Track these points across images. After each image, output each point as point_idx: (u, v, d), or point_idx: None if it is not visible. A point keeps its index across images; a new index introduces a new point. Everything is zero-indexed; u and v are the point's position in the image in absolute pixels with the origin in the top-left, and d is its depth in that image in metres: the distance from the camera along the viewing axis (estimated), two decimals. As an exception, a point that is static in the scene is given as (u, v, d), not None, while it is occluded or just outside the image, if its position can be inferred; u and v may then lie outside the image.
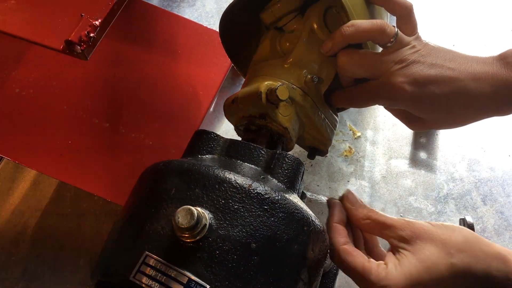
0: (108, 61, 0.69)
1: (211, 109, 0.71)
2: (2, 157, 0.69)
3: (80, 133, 0.64)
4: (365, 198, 0.69)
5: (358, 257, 0.43)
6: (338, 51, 0.50)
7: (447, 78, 0.46)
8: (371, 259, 0.43)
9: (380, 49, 0.51)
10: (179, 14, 0.75)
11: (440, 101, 0.46)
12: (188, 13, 0.83)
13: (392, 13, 0.51)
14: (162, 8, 0.76)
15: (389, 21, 0.58)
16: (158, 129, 0.65)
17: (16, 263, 0.64)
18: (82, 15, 0.40)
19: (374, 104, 0.51)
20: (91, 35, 0.39)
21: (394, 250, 0.43)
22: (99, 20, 0.39)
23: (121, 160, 0.63)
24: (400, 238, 0.42)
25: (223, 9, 0.55)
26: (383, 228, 0.44)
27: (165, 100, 0.67)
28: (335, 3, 0.51)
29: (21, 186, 0.69)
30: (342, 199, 0.48)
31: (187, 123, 0.66)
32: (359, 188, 0.70)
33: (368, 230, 0.47)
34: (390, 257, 0.42)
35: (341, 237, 0.45)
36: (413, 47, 0.48)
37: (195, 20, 0.77)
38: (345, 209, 0.47)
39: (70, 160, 0.62)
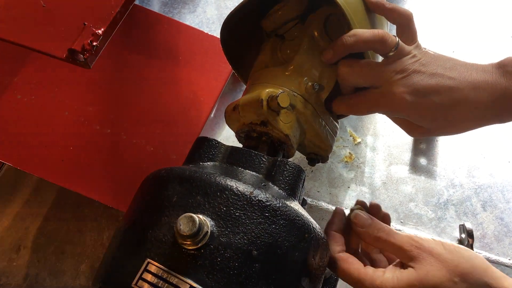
0: (109, 67, 0.69)
1: (212, 115, 0.71)
2: (3, 163, 0.69)
3: (81, 139, 0.64)
4: (365, 204, 0.69)
5: (354, 264, 0.44)
6: (339, 59, 0.51)
7: (447, 88, 0.46)
8: (368, 267, 0.44)
9: (380, 58, 0.51)
10: (180, 21, 0.75)
11: (440, 110, 0.47)
12: (189, 19, 0.83)
13: (392, 22, 0.52)
14: (163, 14, 0.76)
15: (389, 29, 0.58)
16: (159, 135, 0.66)
17: (18, 269, 0.64)
18: (85, 24, 0.40)
19: (375, 112, 0.52)
20: (94, 44, 0.39)
21: (397, 264, 0.44)
22: (102, 29, 0.40)
23: (122, 166, 0.63)
24: (407, 258, 0.43)
25: (224, 16, 0.55)
26: (391, 248, 0.44)
27: (166, 106, 0.68)
28: (335, 11, 0.52)
29: (22, 192, 0.69)
30: (349, 218, 0.49)
31: (188, 129, 0.66)
32: (359, 194, 0.70)
33: (377, 247, 0.49)
34: (391, 268, 0.43)
35: (338, 245, 0.47)
36: (414, 56, 0.48)
37: (196, 27, 0.77)
38: (354, 230, 0.48)
39: (71, 166, 0.62)
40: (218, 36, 0.58)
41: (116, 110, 0.67)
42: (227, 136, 0.74)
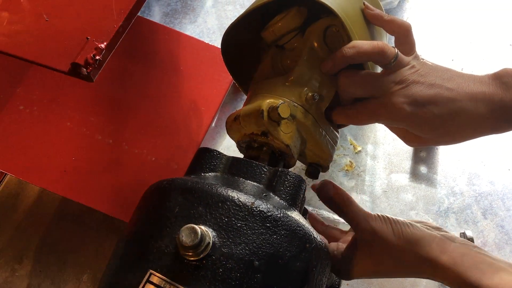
0: (110, 78, 0.70)
1: (213, 124, 0.72)
2: (5, 173, 0.69)
3: (83, 149, 0.65)
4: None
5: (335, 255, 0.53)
6: (338, 70, 0.51)
7: (445, 99, 0.46)
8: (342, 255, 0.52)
9: (379, 69, 0.51)
10: (181, 31, 0.76)
11: (439, 120, 0.47)
12: (190, 29, 0.84)
13: (391, 33, 0.52)
14: (164, 25, 0.77)
15: (387, 39, 0.59)
16: (160, 145, 0.66)
17: (20, 279, 0.64)
18: (87, 38, 0.41)
19: (374, 122, 0.52)
20: (97, 57, 0.40)
21: (356, 242, 0.50)
22: (105, 43, 0.40)
23: (124, 176, 0.64)
24: (362, 240, 0.50)
25: (225, 26, 0.56)
26: (348, 221, 0.51)
27: (167, 116, 0.68)
28: (335, 22, 0.52)
29: (25, 202, 0.69)
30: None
31: (189, 139, 0.67)
32: (360, 203, 0.70)
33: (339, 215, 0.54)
34: (353, 252, 0.50)
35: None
36: (413, 67, 0.49)
37: (197, 37, 0.78)
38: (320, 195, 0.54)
39: (74, 176, 0.63)
40: (219, 46, 0.59)
41: (118, 121, 0.67)
42: (228, 146, 0.74)
